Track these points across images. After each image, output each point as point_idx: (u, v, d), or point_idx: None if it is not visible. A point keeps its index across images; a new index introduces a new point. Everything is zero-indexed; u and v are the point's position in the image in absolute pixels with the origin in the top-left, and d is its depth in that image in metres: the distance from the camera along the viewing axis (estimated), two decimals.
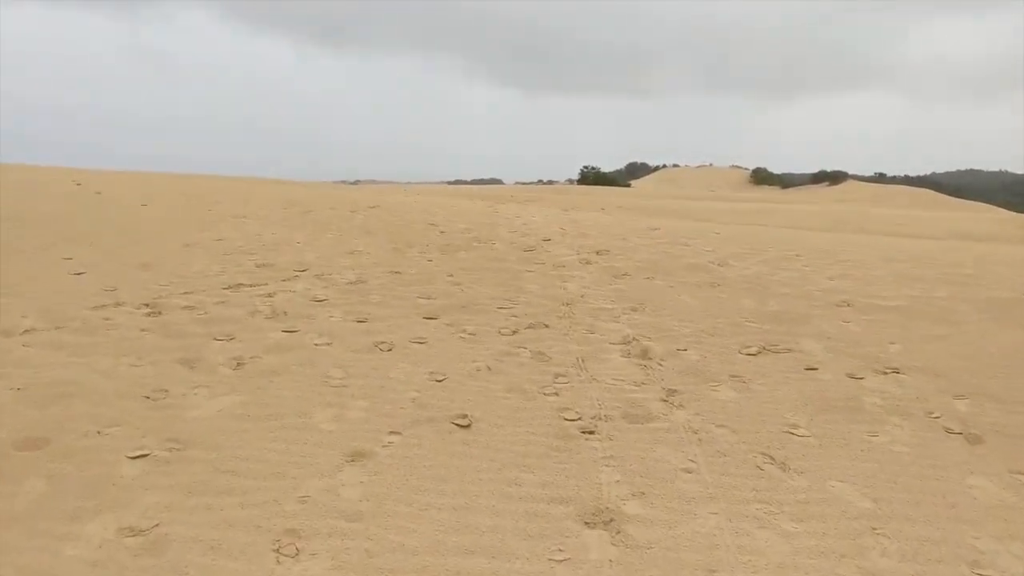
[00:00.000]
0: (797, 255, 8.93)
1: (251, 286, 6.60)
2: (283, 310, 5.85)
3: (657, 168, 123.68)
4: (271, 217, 10.60)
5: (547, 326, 5.77)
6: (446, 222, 10.82)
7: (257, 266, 7.41)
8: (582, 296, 6.70)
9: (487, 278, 7.27)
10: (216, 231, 9.23)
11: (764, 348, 5.38)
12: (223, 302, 6.00)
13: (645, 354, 5.17)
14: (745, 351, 5.29)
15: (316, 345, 5.09)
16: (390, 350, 5.08)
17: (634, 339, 5.48)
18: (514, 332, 5.60)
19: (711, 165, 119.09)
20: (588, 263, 8.19)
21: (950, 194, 70.95)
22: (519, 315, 6.04)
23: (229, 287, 6.51)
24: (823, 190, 79.77)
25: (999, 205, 63.30)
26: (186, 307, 5.82)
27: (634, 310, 6.30)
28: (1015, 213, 33.68)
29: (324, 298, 6.28)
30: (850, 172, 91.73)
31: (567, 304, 6.42)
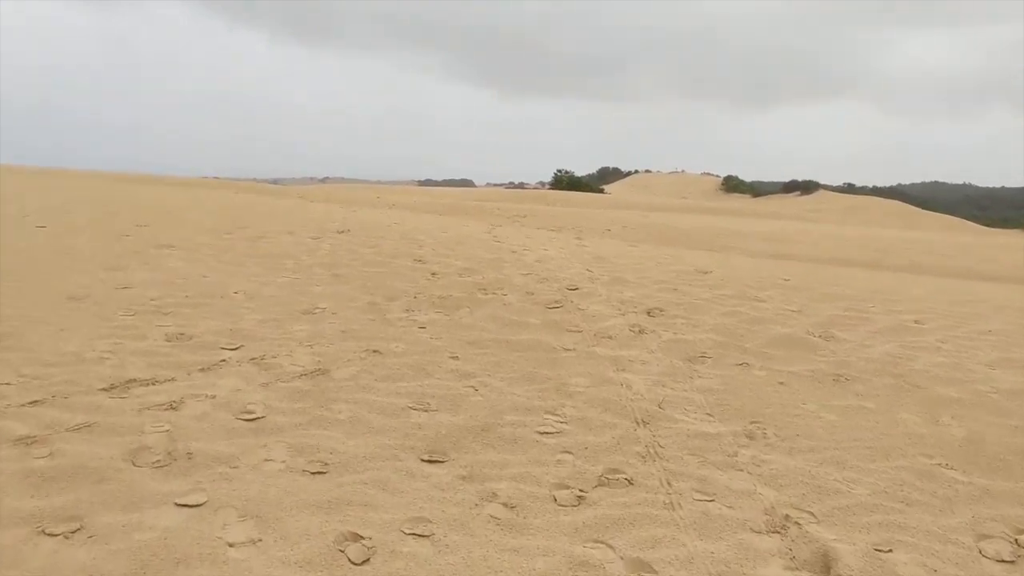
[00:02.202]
0: (916, 320, 6.70)
1: (146, 384, 4.19)
2: (186, 448, 3.45)
3: (629, 173, 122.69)
4: (209, 246, 8.17)
5: (628, 480, 3.44)
6: (437, 256, 8.46)
7: (168, 340, 4.99)
8: (660, 405, 4.38)
9: (509, 363, 4.94)
10: (126, 271, 6.80)
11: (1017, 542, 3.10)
12: (86, 427, 3.59)
13: (827, 569, 2.86)
14: (995, 557, 3.00)
15: (230, 551, 2.71)
16: (367, 562, 2.72)
17: (789, 520, 3.17)
18: (579, 497, 3.26)
19: (683, 172, 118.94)
20: (642, 331, 5.88)
21: (917, 206, 71.15)
22: (574, 449, 3.71)
23: (110, 387, 4.10)
24: (796, 200, 79.95)
25: (964, 218, 63.35)
26: (18, 440, 3.41)
27: (750, 437, 3.99)
28: None
29: (258, 414, 3.89)
30: (820, 182, 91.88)
31: (642, 423, 4.09)
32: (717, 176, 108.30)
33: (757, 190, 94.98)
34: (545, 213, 19.86)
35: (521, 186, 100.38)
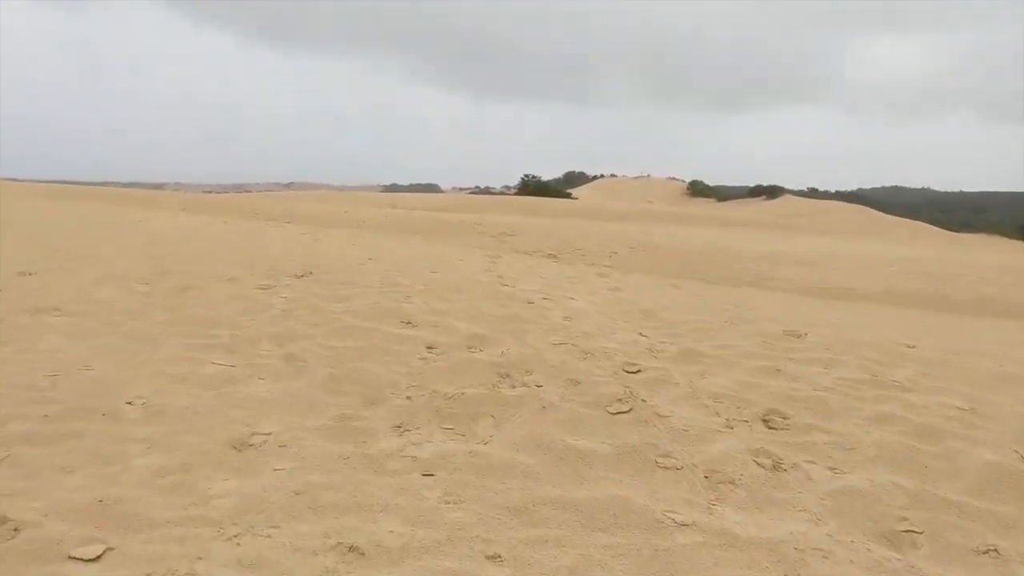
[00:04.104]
0: None
1: None
2: None
3: (595, 178, 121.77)
4: (113, 307, 5.83)
5: None
6: (431, 313, 6.22)
7: None
8: None
9: (591, 568, 2.74)
10: None
11: None
12: None
13: None
14: None
15: None
16: None
17: None
18: None
19: (648, 176, 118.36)
20: (778, 467, 3.71)
21: (880, 210, 70.91)
22: None
23: None
24: (761, 204, 79.74)
25: (925, 221, 62.98)
26: None
27: None
28: None
29: None
30: (784, 186, 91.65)
31: None
32: (682, 181, 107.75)
33: (722, 194, 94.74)
34: (534, 229, 17.63)
35: (487, 191, 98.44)
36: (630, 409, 4.41)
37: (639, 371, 5.09)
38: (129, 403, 4.01)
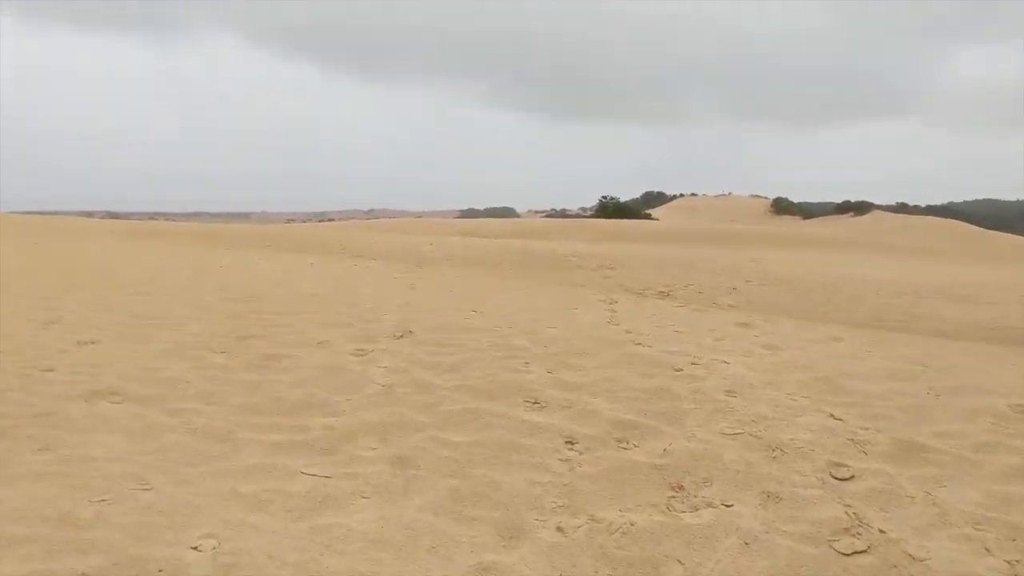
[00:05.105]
0: None
1: None
2: None
3: (673, 197, 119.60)
4: (183, 387, 4.87)
5: None
6: (562, 387, 5.08)
7: None
8: None
9: None
10: None
11: None
12: None
13: None
14: None
15: None
16: None
17: None
18: None
19: (730, 194, 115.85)
20: None
21: (975, 224, 66.88)
22: None
23: None
24: (850, 220, 76.97)
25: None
26: None
27: None
28: None
29: None
30: (873, 202, 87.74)
31: None
32: (766, 198, 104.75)
33: (807, 211, 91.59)
34: (632, 259, 16.36)
35: (563, 213, 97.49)
36: (868, 547, 3.17)
37: (852, 477, 3.84)
38: (195, 548, 2.98)
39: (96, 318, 6.75)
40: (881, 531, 3.29)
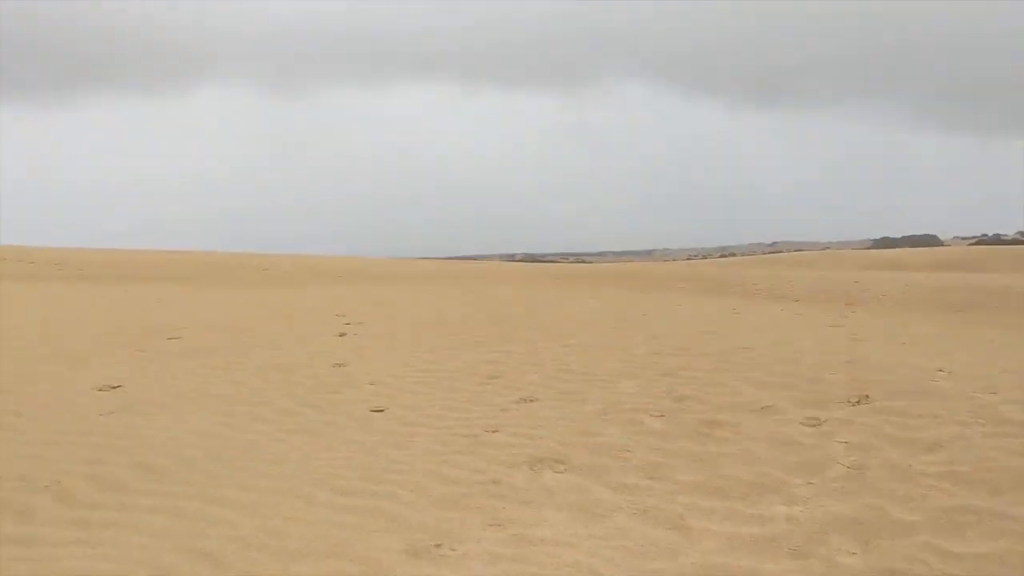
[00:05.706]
0: None
1: None
2: None
3: None
4: (624, 456, 4.58)
5: None
6: None
7: None
8: None
9: None
10: None
11: None
12: None
13: None
14: None
15: None
16: None
17: None
18: None
19: None
20: None
21: None
22: None
23: None
24: None
25: None
26: None
27: None
28: None
29: None
30: None
31: None
32: None
33: None
34: None
35: (997, 239, 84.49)
36: None
37: None
38: None
39: (532, 371, 6.89)
40: None
